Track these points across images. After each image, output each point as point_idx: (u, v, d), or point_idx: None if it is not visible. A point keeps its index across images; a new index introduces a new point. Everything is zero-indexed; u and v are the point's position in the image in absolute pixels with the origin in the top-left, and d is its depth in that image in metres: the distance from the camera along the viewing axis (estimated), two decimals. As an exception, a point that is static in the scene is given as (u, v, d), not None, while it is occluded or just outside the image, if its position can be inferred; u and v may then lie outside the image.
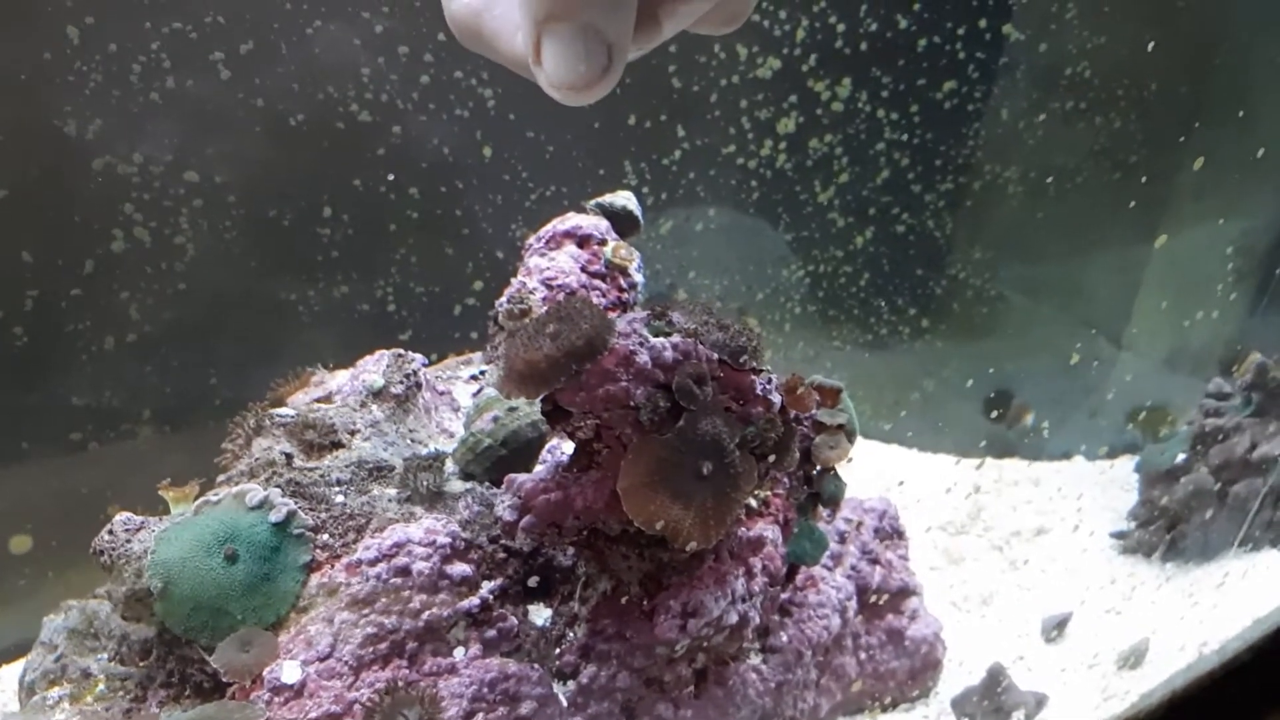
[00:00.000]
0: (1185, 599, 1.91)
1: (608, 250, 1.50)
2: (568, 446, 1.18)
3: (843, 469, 1.39)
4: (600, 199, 1.59)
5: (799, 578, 1.47)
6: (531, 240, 1.56)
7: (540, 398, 1.08)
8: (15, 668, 1.63)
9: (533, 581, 1.19)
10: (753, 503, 1.28)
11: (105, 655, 1.20)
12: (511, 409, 1.31)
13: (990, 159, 2.55)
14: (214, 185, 1.78)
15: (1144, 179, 2.45)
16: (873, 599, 1.63)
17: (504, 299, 1.48)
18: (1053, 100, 2.47)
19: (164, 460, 1.91)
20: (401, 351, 1.40)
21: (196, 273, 1.82)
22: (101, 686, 1.16)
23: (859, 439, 1.38)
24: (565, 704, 1.16)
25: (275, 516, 1.13)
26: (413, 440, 1.32)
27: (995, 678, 1.54)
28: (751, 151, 2.49)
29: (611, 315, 1.10)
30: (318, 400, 1.38)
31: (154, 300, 1.80)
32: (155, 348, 1.83)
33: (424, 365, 1.43)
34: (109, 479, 1.82)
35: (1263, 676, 0.79)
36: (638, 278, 1.50)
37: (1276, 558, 1.97)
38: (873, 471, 2.60)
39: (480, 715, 1.10)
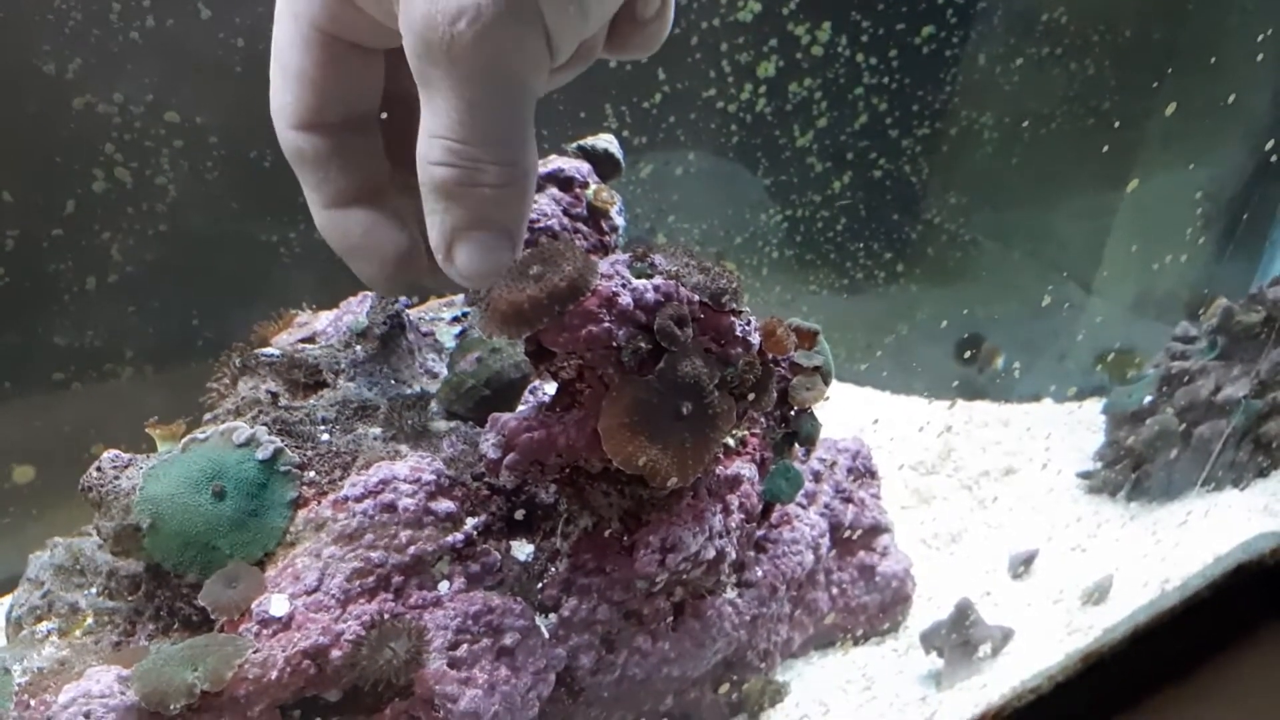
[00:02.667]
0: (1149, 537, 1.93)
1: (589, 193, 1.50)
2: (550, 386, 1.20)
3: (818, 410, 1.41)
4: (582, 141, 1.59)
5: (774, 515, 1.49)
6: (513, 183, 1.55)
7: (523, 339, 1.10)
8: (1, 604, 1.65)
9: (519, 515, 1.22)
10: (731, 442, 1.30)
11: (93, 590, 1.21)
12: (495, 350, 1.32)
13: (966, 104, 2.55)
14: (195, 126, 1.76)
15: (1116, 124, 2.47)
16: (845, 536, 1.65)
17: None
18: (1029, 46, 2.47)
19: (146, 400, 1.91)
20: (385, 293, 1.40)
21: (178, 213, 1.80)
22: (90, 621, 1.18)
23: (834, 381, 1.41)
24: (547, 636, 1.19)
25: (262, 454, 1.15)
26: (396, 380, 1.34)
27: (963, 612, 1.56)
28: (731, 95, 2.48)
29: (594, 258, 1.11)
30: (301, 341, 1.39)
31: (135, 241, 1.79)
32: (137, 288, 1.82)
33: (407, 306, 1.43)
34: (92, 418, 1.82)
35: (1222, 612, 0.81)
36: (619, 221, 1.51)
37: (1237, 497, 2.01)
38: (847, 412, 2.61)
39: (464, 647, 1.12)
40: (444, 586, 1.15)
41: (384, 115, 1.14)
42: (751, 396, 1.18)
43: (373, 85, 1.11)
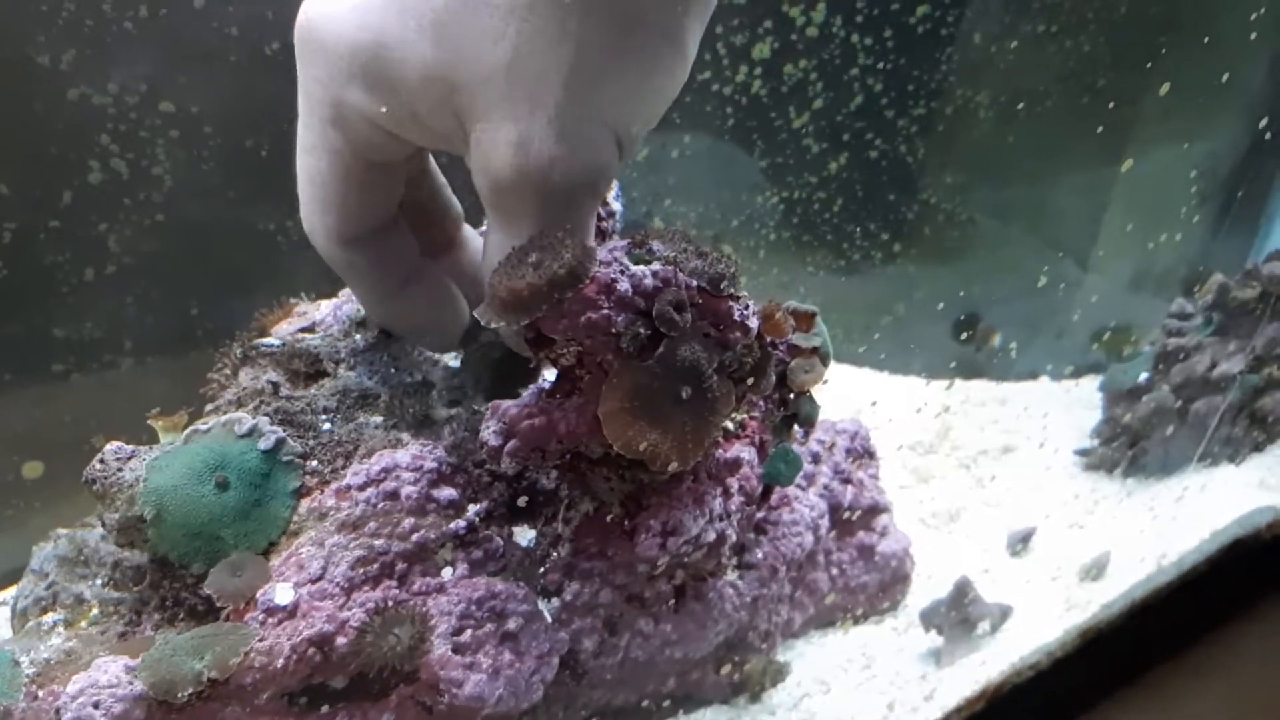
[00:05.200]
0: (1146, 513, 1.94)
1: (585, 179, 1.50)
2: (550, 373, 1.20)
3: (817, 391, 1.42)
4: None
5: (774, 497, 1.50)
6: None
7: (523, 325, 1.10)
8: (4, 596, 1.65)
9: (521, 501, 1.22)
10: (730, 425, 1.31)
11: (98, 581, 1.22)
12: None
13: (962, 83, 2.55)
14: (190, 115, 1.76)
15: (1111, 103, 2.46)
16: (845, 516, 1.66)
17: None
18: (1025, 23, 2.47)
19: (146, 390, 1.90)
20: (385, 281, 1.40)
21: (175, 204, 1.80)
22: (95, 611, 1.18)
23: (832, 361, 1.41)
24: (550, 620, 1.20)
25: (264, 444, 1.15)
26: (397, 368, 1.34)
27: (962, 590, 1.57)
28: (727, 77, 2.47)
29: (592, 244, 1.12)
30: (301, 330, 1.39)
31: (133, 231, 1.79)
32: (135, 279, 1.82)
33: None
34: (92, 410, 1.82)
35: (1218, 586, 0.82)
36: (616, 206, 1.51)
37: (1234, 472, 2.02)
38: (845, 393, 2.62)
39: (469, 632, 1.13)
40: (447, 573, 1.16)
41: None
42: (750, 380, 1.19)
43: (397, 193, 1.21)
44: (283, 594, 1.09)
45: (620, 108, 1.04)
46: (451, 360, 1.42)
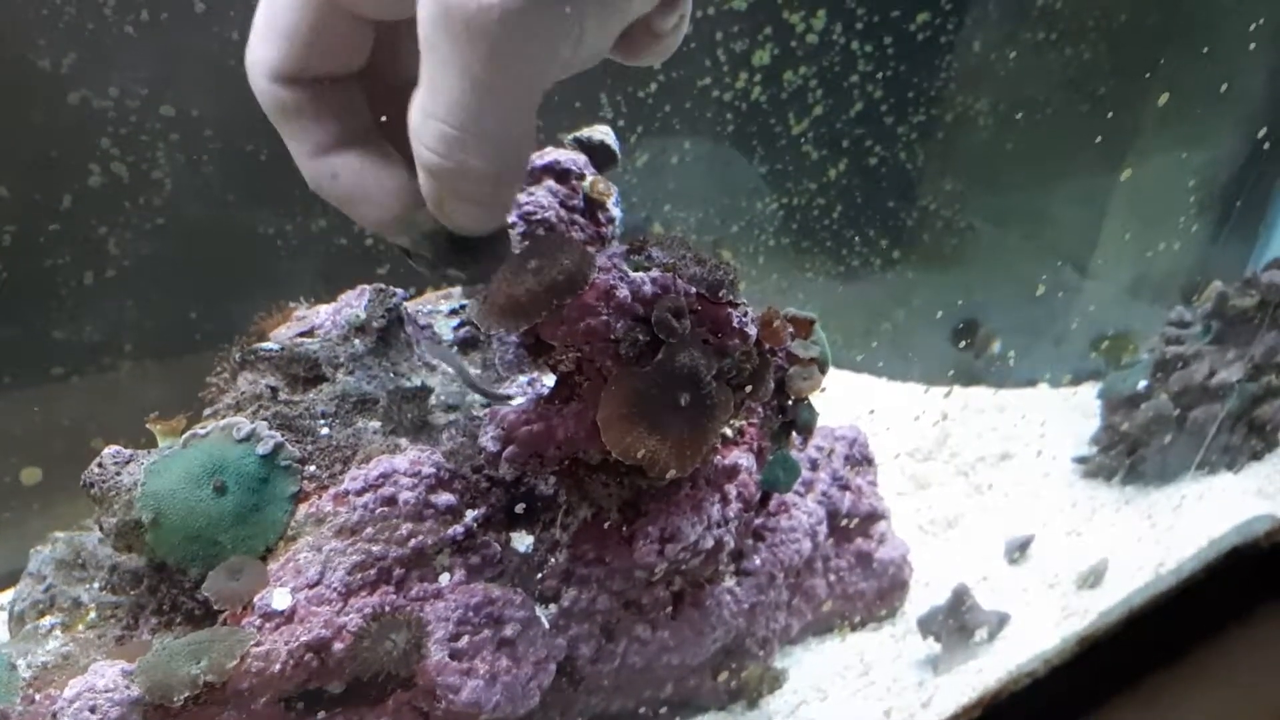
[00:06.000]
0: (1144, 521, 1.95)
1: (586, 185, 1.51)
2: (549, 379, 1.20)
3: (815, 398, 1.42)
4: (578, 134, 1.58)
5: (772, 503, 1.50)
6: (510, 175, 1.55)
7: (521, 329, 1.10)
8: (1, 599, 1.65)
9: (519, 507, 1.22)
10: (728, 432, 1.31)
11: (95, 585, 1.22)
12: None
13: (962, 91, 2.55)
14: (190, 119, 1.76)
15: (1111, 110, 2.47)
16: (843, 523, 1.66)
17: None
18: (1024, 31, 2.47)
19: (145, 394, 1.91)
20: (383, 286, 1.40)
21: (175, 207, 1.80)
22: (93, 615, 1.18)
23: (831, 368, 1.41)
24: (547, 626, 1.20)
25: (263, 448, 1.15)
26: (395, 374, 1.34)
27: (960, 598, 1.57)
28: (727, 84, 2.48)
29: (591, 250, 1.12)
30: (300, 335, 1.38)
31: (133, 235, 1.79)
32: (135, 282, 1.82)
33: (405, 299, 1.44)
34: (91, 412, 1.82)
35: (1217, 594, 0.82)
36: (615, 212, 1.51)
37: (1232, 480, 2.03)
38: (844, 399, 2.62)
39: (466, 638, 1.13)
40: (445, 578, 1.16)
41: (364, 70, 1.11)
42: (749, 387, 1.19)
43: (358, 52, 1.08)
44: (280, 599, 1.09)
45: None
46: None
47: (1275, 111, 2.44)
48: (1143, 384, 2.20)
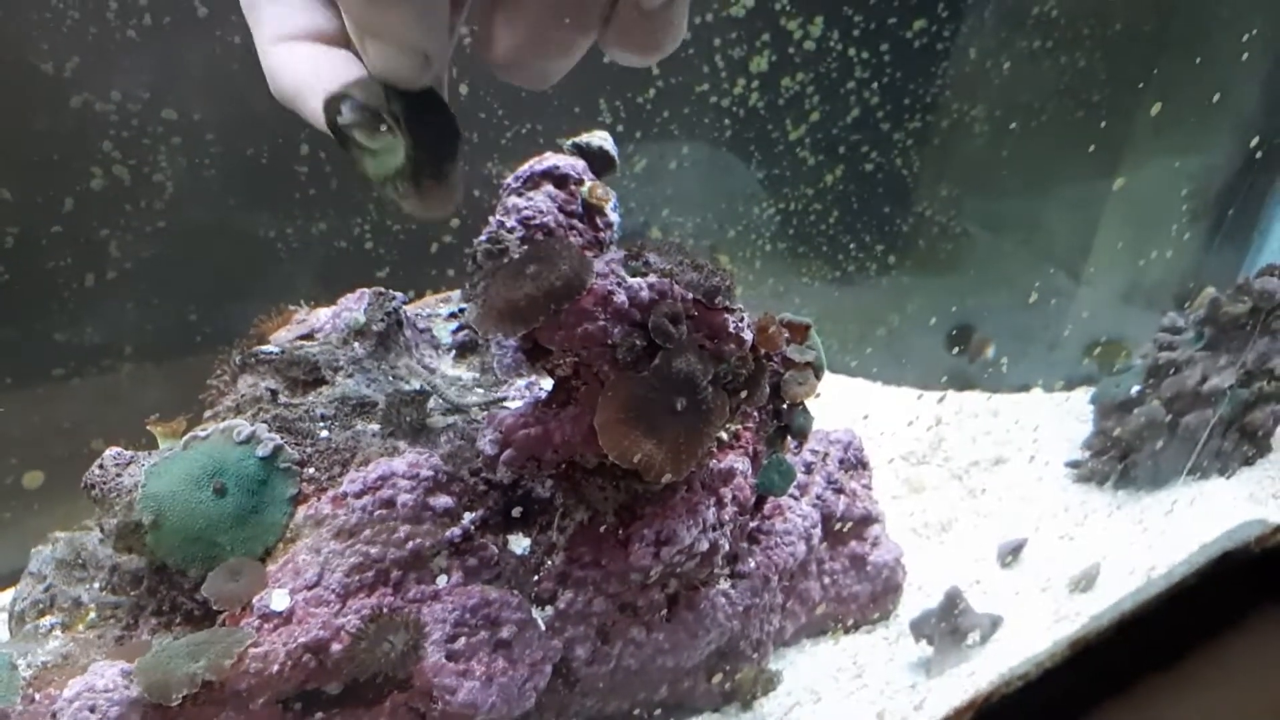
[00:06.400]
0: (1135, 525, 1.95)
1: (584, 190, 1.51)
2: (547, 383, 1.21)
3: (810, 403, 1.43)
4: (577, 139, 1.59)
5: (767, 507, 1.51)
6: (509, 180, 1.56)
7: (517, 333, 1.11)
8: (2, 598, 1.65)
9: (515, 510, 1.23)
10: (724, 436, 1.32)
11: (95, 585, 1.22)
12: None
13: (958, 98, 2.56)
14: (192, 123, 1.77)
15: (1104, 119, 2.48)
16: (837, 526, 1.67)
17: (482, 238, 1.49)
18: (1020, 39, 2.48)
19: (145, 396, 1.91)
20: (383, 290, 1.41)
21: (176, 210, 1.81)
22: (93, 615, 1.19)
23: (826, 373, 1.42)
24: (543, 628, 1.21)
25: (262, 451, 1.16)
26: (394, 377, 1.35)
27: (952, 601, 1.57)
28: (724, 90, 2.48)
29: (589, 255, 1.13)
30: (300, 338, 1.39)
31: (134, 237, 1.80)
32: (136, 284, 1.83)
33: (404, 303, 1.45)
34: (92, 414, 1.83)
35: (1208, 599, 0.82)
36: (614, 217, 1.51)
37: (1223, 485, 2.03)
38: (839, 404, 2.62)
39: (462, 639, 1.14)
40: (442, 580, 1.17)
41: None
42: (744, 392, 1.20)
43: None
44: (279, 600, 1.09)
45: None
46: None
47: (1268, 120, 2.45)
48: (1135, 389, 2.21)
